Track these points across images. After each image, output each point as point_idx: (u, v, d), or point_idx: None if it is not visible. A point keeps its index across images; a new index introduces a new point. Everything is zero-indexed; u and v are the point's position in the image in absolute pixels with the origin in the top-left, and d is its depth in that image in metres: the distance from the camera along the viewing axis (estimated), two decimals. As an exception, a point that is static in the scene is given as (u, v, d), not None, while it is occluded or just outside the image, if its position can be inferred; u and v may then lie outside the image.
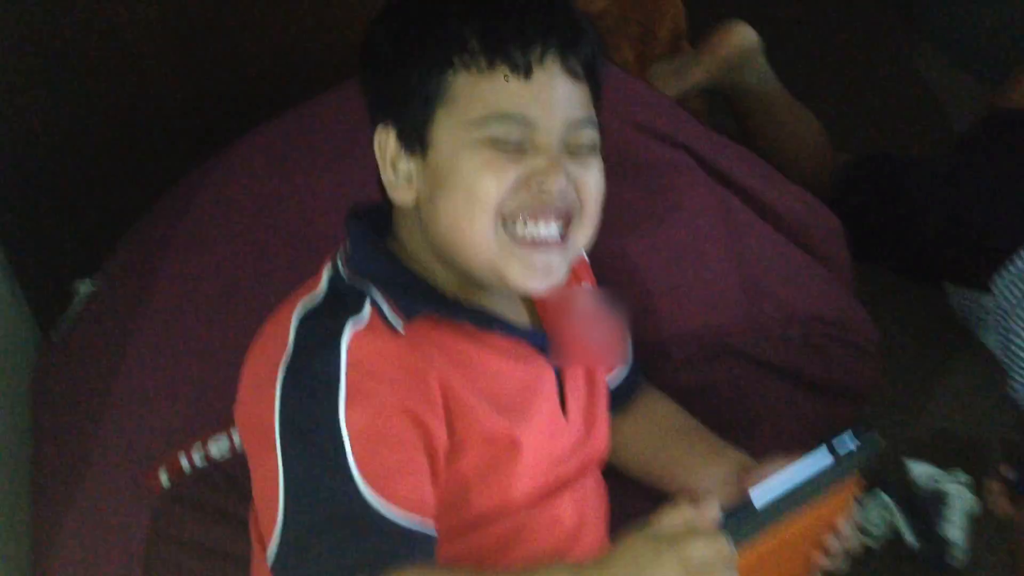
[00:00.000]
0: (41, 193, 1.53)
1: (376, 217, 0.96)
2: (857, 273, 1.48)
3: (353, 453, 0.82)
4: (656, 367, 1.20)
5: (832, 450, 0.88)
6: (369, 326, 0.87)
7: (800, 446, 1.29)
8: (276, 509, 0.83)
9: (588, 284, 1.09)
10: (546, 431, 0.95)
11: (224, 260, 1.20)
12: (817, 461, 0.84)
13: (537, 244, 0.90)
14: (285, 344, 0.86)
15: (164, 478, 1.10)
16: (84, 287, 1.33)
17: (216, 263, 1.20)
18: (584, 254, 1.12)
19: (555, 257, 0.91)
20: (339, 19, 1.36)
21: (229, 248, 1.21)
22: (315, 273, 0.94)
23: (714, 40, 1.84)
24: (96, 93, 1.48)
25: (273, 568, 0.82)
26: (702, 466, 1.08)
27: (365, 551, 0.80)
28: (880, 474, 1.54)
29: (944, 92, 2.26)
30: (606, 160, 0.94)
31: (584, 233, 0.94)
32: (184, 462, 1.10)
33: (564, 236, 0.92)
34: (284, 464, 0.83)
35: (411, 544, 0.82)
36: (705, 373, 1.22)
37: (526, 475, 0.93)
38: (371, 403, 0.83)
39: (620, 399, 1.15)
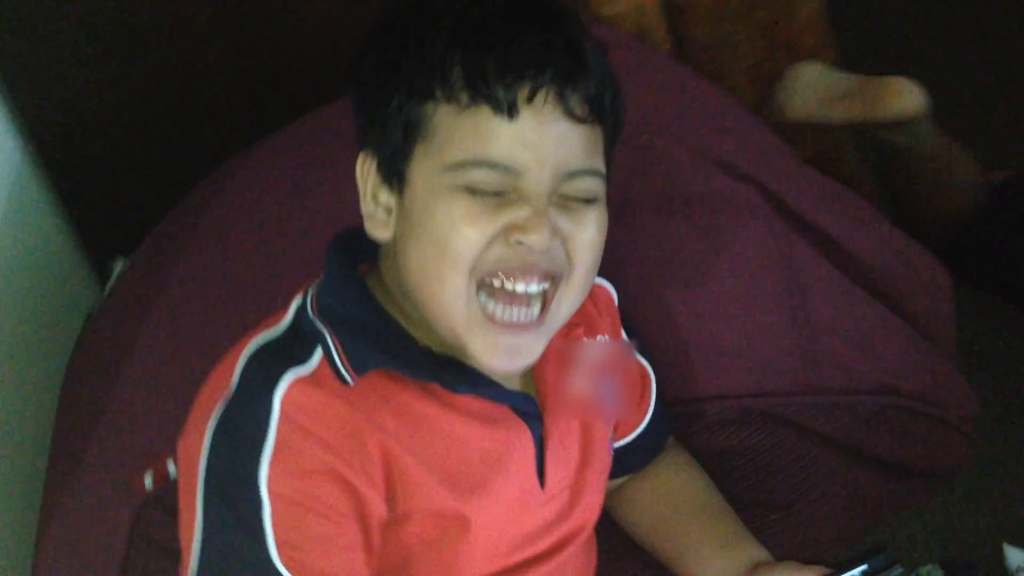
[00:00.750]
0: (103, 161, 1.52)
1: (368, 245, 0.87)
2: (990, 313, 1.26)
3: (272, 518, 0.75)
4: (688, 424, 1.07)
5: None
6: (314, 376, 0.79)
7: (856, 527, 1.16)
8: (190, 559, 0.77)
9: (604, 337, 0.97)
10: (511, 507, 0.85)
11: (238, 260, 1.14)
12: None
13: (508, 326, 0.79)
14: (228, 382, 0.80)
15: (148, 481, 1.07)
16: (119, 265, 1.31)
17: (231, 262, 1.14)
18: (615, 297, 1.01)
19: (527, 339, 0.81)
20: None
21: (245, 247, 1.15)
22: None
23: (875, 92, 1.54)
24: (157, 66, 1.46)
25: None
26: (711, 556, 0.96)
27: None
28: (963, 557, 1.37)
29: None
30: (650, 188, 0.81)
31: (571, 300, 0.82)
32: (171, 467, 1.06)
33: (544, 309, 0.81)
34: (203, 516, 0.76)
35: None
36: (744, 437, 1.08)
37: (477, 555, 0.84)
38: (298, 464, 0.76)
39: (636, 460, 1.04)
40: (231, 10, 1.41)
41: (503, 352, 0.80)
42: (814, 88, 1.63)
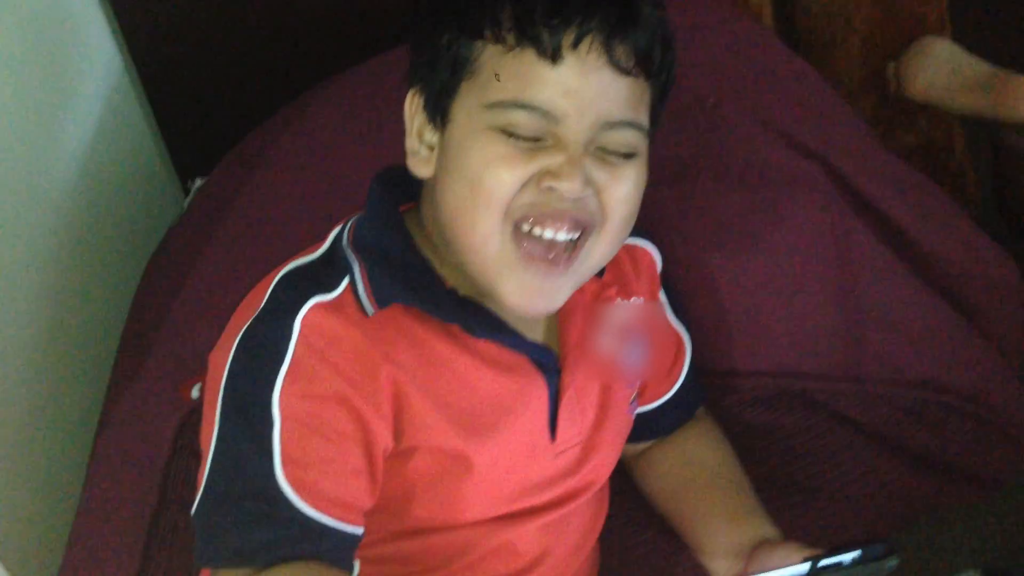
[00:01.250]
0: (195, 82, 1.58)
1: (413, 185, 0.89)
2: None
3: (281, 435, 0.77)
4: (722, 397, 1.06)
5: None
6: (335, 302, 0.81)
7: (885, 520, 1.13)
8: (205, 466, 0.80)
9: (639, 299, 0.96)
10: (516, 455, 0.87)
11: (299, 190, 1.17)
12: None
13: (537, 263, 0.80)
14: (261, 301, 0.83)
15: (195, 392, 1.12)
16: (196, 185, 1.36)
17: (291, 192, 1.18)
18: (657, 261, 1.00)
19: (553, 281, 0.81)
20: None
21: (307, 178, 1.19)
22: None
23: (1008, 90, 1.41)
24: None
25: (192, 518, 0.81)
26: (719, 528, 0.95)
27: (266, 538, 0.76)
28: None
29: None
30: (709, 153, 0.80)
31: (601, 251, 0.83)
32: (215, 380, 1.11)
33: (574, 252, 0.81)
34: (219, 425, 0.80)
35: (318, 540, 0.77)
36: (776, 416, 1.07)
37: (477, 496, 0.86)
38: (310, 386, 0.78)
39: (662, 426, 1.04)
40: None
41: (531, 293, 0.81)
42: (942, 69, 1.55)
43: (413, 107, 0.85)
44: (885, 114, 1.70)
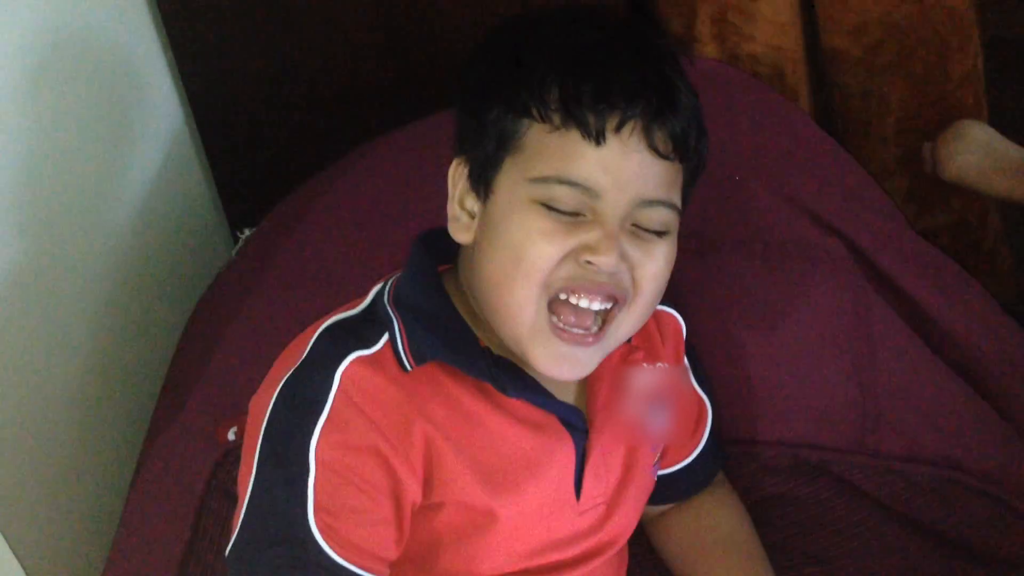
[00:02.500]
0: (250, 137, 1.65)
1: (452, 246, 0.94)
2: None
3: (315, 483, 0.82)
4: (741, 465, 1.09)
5: None
6: (375, 357, 0.85)
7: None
8: (241, 508, 0.85)
9: (664, 364, 1.00)
10: (541, 512, 0.90)
11: (341, 246, 1.22)
12: None
13: (568, 337, 0.84)
14: (303, 351, 0.87)
15: (232, 434, 1.16)
16: (245, 235, 1.42)
17: (333, 248, 1.22)
18: (683, 327, 1.04)
19: (584, 352, 0.86)
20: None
21: (349, 235, 1.23)
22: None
23: None
24: (309, 52, 1.56)
25: (225, 560, 0.85)
26: None
27: None
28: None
29: None
30: (733, 227, 0.85)
31: (630, 323, 0.87)
32: (251, 424, 1.15)
33: (603, 326, 0.85)
34: (256, 470, 0.84)
35: None
36: (793, 486, 1.09)
37: (501, 551, 0.89)
38: (346, 438, 0.82)
39: (681, 490, 1.07)
40: (384, 6, 1.50)
41: (561, 360, 0.85)
42: (979, 152, 1.58)
43: (457, 175, 0.90)
44: (919, 192, 1.73)
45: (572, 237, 0.82)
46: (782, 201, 1.18)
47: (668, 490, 1.05)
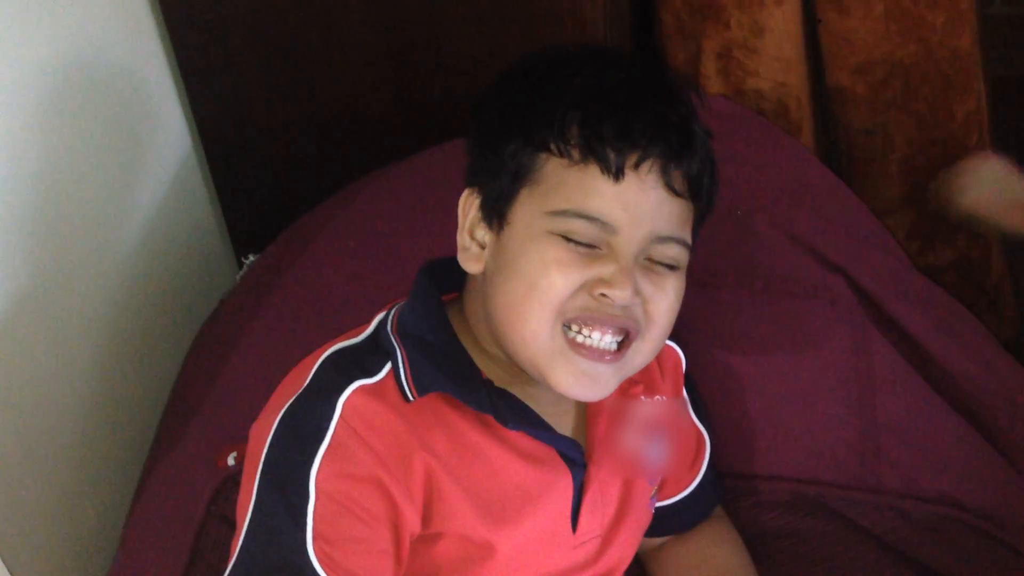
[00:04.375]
0: (257, 166, 1.67)
1: (456, 276, 0.95)
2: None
3: (315, 511, 0.82)
4: (739, 498, 1.09)
5: None
6: (377, 387, 0.86)
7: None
8: (240, 535, 0.85)
9: (662, 398, 1.00)
10: (538, 544, 0.90)
11: (344, 274, 1.23)
12: None
13: (589, 350, 0.85)
14: (305, 379, 0.88)
15: (231, 460, 1.16)
16: (250, 260, 1.43)
17: (336, 276, 1.23)
18: (683, 361, 1.04)
19: (606, 369, 0.86)
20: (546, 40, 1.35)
21: (352, 263, 1.24)
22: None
23: None
24: (317, 88, 1.58)
25: None
26: None
27: None
28: None
29: None
30: (735, 263, 0.86)
31: (643, 355, 0.88)
32: (251, 450, 1.15)
33: (620, 350, 0.86)
34: (256, 496, 0.84)
35: None
36: (791, 521, 1.09)
37: None
38: (346, 467, 0.83)
39: (679, 522, 1.07)
40: (392, 39, 1.51)
41: (581, 377, 0.85)
42: (991, 189, 1.59)
43: (467, 205, 0.90)
44: (923, 229, 1.74)
45: (588, 269, 0.84)
46: (784, 237, 1.19)
47: (666, 522, 1.05)
